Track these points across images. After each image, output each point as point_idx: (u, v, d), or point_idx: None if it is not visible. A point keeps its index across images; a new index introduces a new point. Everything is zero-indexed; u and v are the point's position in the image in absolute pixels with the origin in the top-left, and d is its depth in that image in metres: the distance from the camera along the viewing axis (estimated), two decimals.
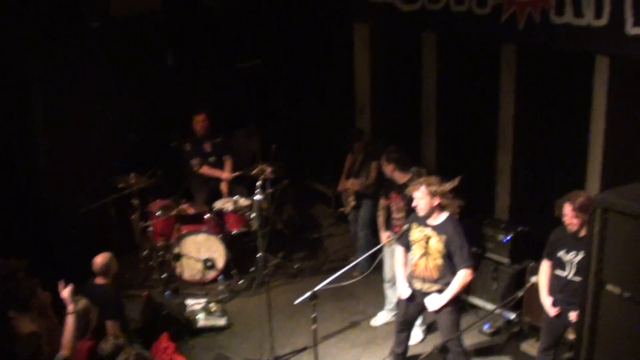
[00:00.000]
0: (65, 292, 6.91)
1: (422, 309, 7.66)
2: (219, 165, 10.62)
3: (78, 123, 10.22)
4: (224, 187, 10.52)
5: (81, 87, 10.15)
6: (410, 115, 10.77)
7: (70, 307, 6.83)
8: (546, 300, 7.16)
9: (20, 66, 9.84)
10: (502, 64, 9.32)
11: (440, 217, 7.23)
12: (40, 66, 9.90)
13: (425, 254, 7.27)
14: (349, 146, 10.06)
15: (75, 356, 6.69)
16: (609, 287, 5.12)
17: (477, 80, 9.80)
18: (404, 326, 7.82)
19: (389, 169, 8.42)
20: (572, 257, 6.84)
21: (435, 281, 7.28)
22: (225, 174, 10.53)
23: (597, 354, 5.33)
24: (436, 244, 7.19)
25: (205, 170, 10.49)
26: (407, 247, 7.49)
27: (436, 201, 7.16)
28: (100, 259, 7.84)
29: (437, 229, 7.20)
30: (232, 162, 10.71)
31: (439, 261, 7.20)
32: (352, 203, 9.98)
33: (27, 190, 10.17)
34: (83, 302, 7.10)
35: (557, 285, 7.04)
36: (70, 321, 6.80)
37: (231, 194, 10.42)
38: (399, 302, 7.99)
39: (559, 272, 7.00)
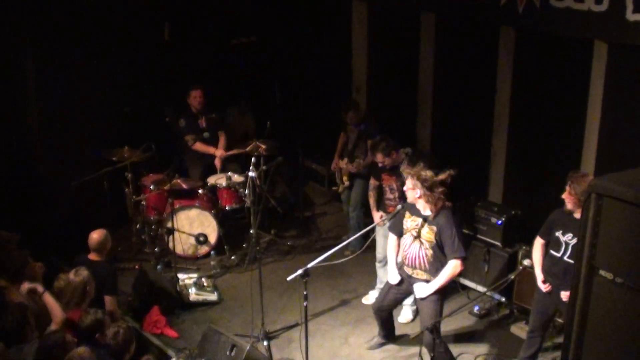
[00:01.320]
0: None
1: (403, 297, 7.78)
2: (214, 141, 10.59)
3: (71, 96, 10.18)
4: (217, 162, 10.51)
5: (75, 60, 10.09)
6: (407, 95, 10.76)
7: (40, 288, 6.87)
8: (539, 275, 7.19)
9: (13, 39, 9.77)
10: (500, 46, 9.30)
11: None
12: (33, 39, 9.83)
13: (417, 243, 7.30)
14: (342, 124, 10.03)
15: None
16: (602, 273, 5.13)
17: (475, 62, 9.79)
18: (380, 311, 7.92)
19: (379, 158, 8.39)
20: (568, 239, 6.87)
21: (425, 270, 7.31)
22: (219, 151, 10.51)
23: (588, 338, 5.34)
24: (427, 234, 7.21)
25: (199, 146, 10.47)
26: (400, 234, 7.51)
27: (423, 195, 7.14)
28: (96, 236, 7.82)
29: (429, 219, 7.21)
30: (226, 138, 10.68)
31: (430, 251, 7.22)
32: (346, 183, 9.97)
33: (19, 163, 10.14)
34: (84, 274, 7.12)
35: (551, 265, 7.09)
36: (47, 299, 6.83)
37: (224, 170, 10.41)
38: (383, 287, 8.03)
39: (553, 252, 7.04)
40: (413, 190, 7.21)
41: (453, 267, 7.15)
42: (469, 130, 10.02)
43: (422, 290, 7.27)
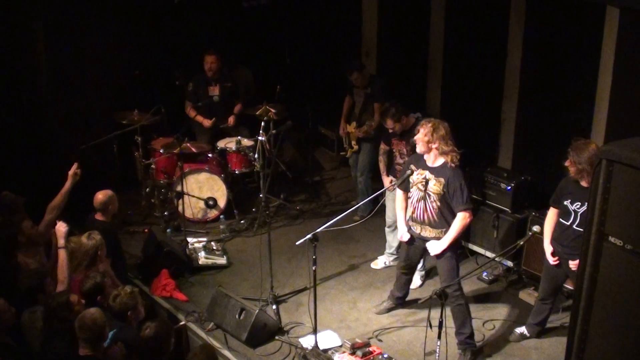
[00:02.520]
0: (61, 228, 7.00)
1: (424, 252, 7.71)
2: (225, 108, 10.52)
3: (81, 59, 10.18)
4: (230, 119, 10.49)
5: (85, 23, 10.08)
6: (417, 60, 10.71)
7: (61, 242, 6.90)
8: (548, 247, 7.20)
9: (23, 2, 9.73)
10: (511, 12, 9.22)
11: (439, 160, 7.20)
12: (43, 2, 9.78)
13: (424, 196, 7.27)
14: (348, 87, 9.98)
15: (72, 288, 6.77)
16: (611, 239, 5.12)
17: (485, 26, 9.70)
18: (406, 270, 7.90)
19: (389, 124, 8.33)
20: (576, 208, 6.86)
21: (433, 225, 7.30)
22: (207, 122, 10.44)
23: (596, 305, 5.34)
24: (434, 186, 7.18)
25: (190, 112, 10.43)
26: (407, 189, 7.50)
27: (435, 144, 7.12)
28: (100, 196, 7.87)
29: (436, 171, 7.18)
30: (241, 108, 10.63)
31: (437, 204, 7.20)
32: (355, 147, 9.94)
33: (29, 126, 10.14)
34: (96, 238, 7.15)
35: (560, 233, 7.08)
36: (62, 255, 6.87)
37: (235, 131, 10.40)
38: (400, 247, 8.03)
39: (562, 221, 7.03)
40: (425, 139, 7.15)
41: (462, 218, 7.13)
42: (479, 95, 9.96)
43: (436, 247, 7.27)
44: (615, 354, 5.32)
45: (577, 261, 6.47)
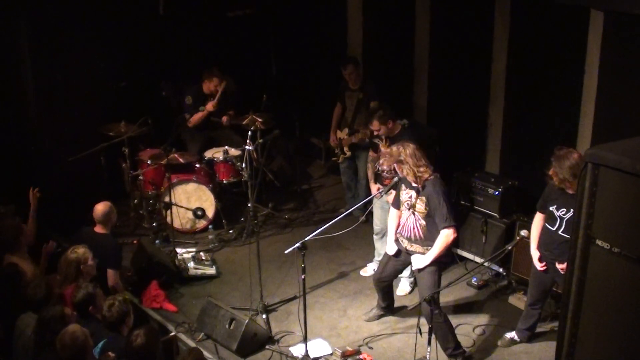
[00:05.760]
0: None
1: (402, 268, 7.79)
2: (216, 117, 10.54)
3: (67, 71, 10.13)
4: (224, 119, 10.49)
5: (71, 35, 10.04)
6: (403, 66, 10.73)
7: None
8: (535, 253, 7.22)
9: (7, 14, 9.71)
10: (496, 16, 9.27)
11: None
12: (28, 15, 9.76)
13: (411, 215, 7.29)
14: (338, 94, 9.98)
15: (64, 300, 6.75)
16: (599, 242, 5.13)
17: (471, 32, 9.74)
18: (380, 282, 7.94)
19: (374, 126, 8.27)
20: (562, 214, 6.88)
21: (420, 242, 7.30)
22: (209, 105, 10.34)
23: (585, 308, 5.35)
24: (419, 205, 7.19)
25: (195, 119, 10.35)
26: (398, 207, 7.52)
27: (408, 171, 7.10)
28: (101, 207, 7.82)
29: (419, 190, 7.19)
30: (233, 114, 10.63)
31: (423, 222, 7.21)
32: (348, 154, 9.94)
33: (16, 138, 10.11)
34: (79, 252, 7.12)
35: (546, 239, 7.10)
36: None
37: (227, 140, 10.41)
38: (382, 258, 8.04)
39: (549, 225, 7.04)
40: (398, 168, 7.19)
41: (445, 236, 7.11)
42: (465, 100, 9.99)
43: (419, 261, 7.27)
44: (605, 357, 5.33)
45: (564, 264, 6.50)
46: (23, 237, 7.46)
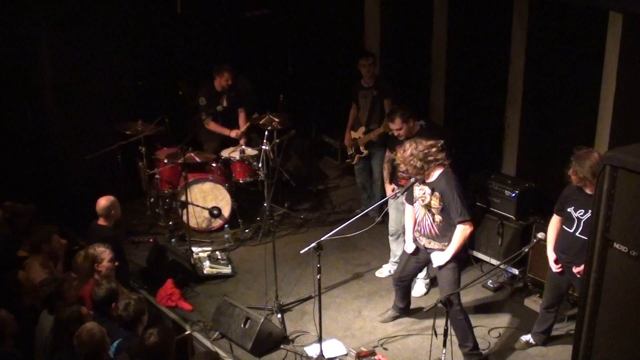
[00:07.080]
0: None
1: (422, 265, 7.76)
2: (232, 118, 10.50)
3: (85, 70, 10.19)
4: (241, 141, 10.40)
5: (89, 34, 10.10)
6: (420, 67, 10.71)
7: None
8: (551, 255, 7.18)
9: (26, 14, 9.76)
10: (514, 17, 9.23)
11: (435, 174, 7.16)
12: (47, 14, 9.82)
13: (427, 211, 7.27)
14: (353, 94, 9.98)
15: (83, 299, 6.79)
16: (616, 246, 5.11)
17: (488, 32, 9.71)
18: (400, 282, 7.90)
19: (396, 124, 8.23)
20: (580, 215, 6.84)
21: (437, 239, 7.28)
22: (234, 132, 10.37)
23: (602, 311, 5.32)
24: (433, 200, 7.17)
25: (213, 126, 10.33)
26: (412, 202, 7.50)
27: (420, 171, 7.09)
28: (103, 202, 7.93)
29: (433, 185, 7.16)
30: (245, 114, 10.61)
31: (438, 217, 7.19)
32: (364, 153, 9.91)
33: (34, 137, 10.17)
34: (92, 252, 7.16)
35: (563, 241, 7.06)
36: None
37: (249, 143, 10.38)
38: (401, 257, 8.02)
39: (566, 228, 7.00)
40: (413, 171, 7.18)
41: (461, 231, 7.09)
42: (482, 101, 9.96)
43: (439, 258, 7.24)
44: None
45: (581, 267, 6.47)
46: (48, 245, 7.45)
